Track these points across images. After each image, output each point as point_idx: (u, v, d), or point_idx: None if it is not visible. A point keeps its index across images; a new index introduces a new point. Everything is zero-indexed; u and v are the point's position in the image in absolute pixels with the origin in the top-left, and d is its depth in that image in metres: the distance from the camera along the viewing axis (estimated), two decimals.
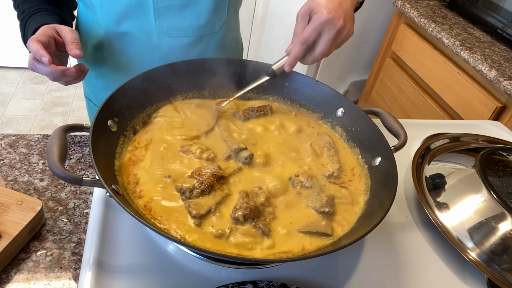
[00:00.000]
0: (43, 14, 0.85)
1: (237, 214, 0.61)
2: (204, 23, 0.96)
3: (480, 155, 0.81)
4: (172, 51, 0.97)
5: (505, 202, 0.71)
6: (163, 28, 0.93)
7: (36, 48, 0.72)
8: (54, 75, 0.76)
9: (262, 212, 0.63)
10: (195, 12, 0.93)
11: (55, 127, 1.44)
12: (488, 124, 1.11)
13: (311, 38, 0.74)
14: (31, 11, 0.85)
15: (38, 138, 0.84)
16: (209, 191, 0.64)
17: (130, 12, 0.91)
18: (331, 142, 0.79)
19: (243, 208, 0.61)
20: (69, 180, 0.54)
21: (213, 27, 0.99)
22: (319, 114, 0.85)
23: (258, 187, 0.67)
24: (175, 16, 0.93)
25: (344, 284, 0.64)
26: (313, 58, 0.77)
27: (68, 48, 0.77)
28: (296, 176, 0.70)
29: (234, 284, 0.58)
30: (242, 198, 0.64)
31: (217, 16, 0.98)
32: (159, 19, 0.92)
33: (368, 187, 0.72)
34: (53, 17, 0.86)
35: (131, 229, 0.66)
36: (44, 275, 0.61)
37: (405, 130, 0.74)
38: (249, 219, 0.61)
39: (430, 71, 1.85)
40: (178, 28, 0.94)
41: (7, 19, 2.69)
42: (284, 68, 0.79)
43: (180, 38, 0.96)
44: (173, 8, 0.92)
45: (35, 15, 0.85)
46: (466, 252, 0.68)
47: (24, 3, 0.88)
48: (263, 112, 0.83)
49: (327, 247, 0.61)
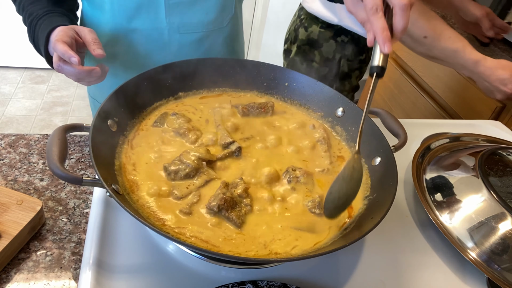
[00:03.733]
0: (54, 16, 0.85)
1: (211, 204, 0.62)
2: (212, 19, 0.98)
3: (480, 155, 0.81)
4: (181, 47, 0.99)
5: (505, 202, 0.71)
6: (174, 25, 0.95)
7: (64, 49, 0.73)
8: (81, 75, 0.76)
9: (238, 203, 0.64)
10: (204, 8, 0.96)
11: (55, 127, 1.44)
12: (488, 124, 1.11)
13: (378, 1, 0.58)
14: (40, 13, 0.85)
15: (38, 138, 0.84)
16: (193, 175, 0.67)
17: (141, 9, 0.92)
18: (325, 137, 0.79)
19: (218, 199, 0.62)
20: (69, 180, 0.54)
21: (221, 23, 1.01)
22: (319, 113, 0.85)
23: (240, 178, 0.68)
24: (185, 13, 0.95)
25: (344, 284, 0.64)
26: (399, 21, 0.57)
27: (90, 48, 0.78)
28: (293, 170, 0.71)
29: (234, 284, 0.58)
30: (220, 188, 0.64)
31: (225, 11, 1.00)
32: (169, 16, 0.94)
33: (368, 187, 0.72)
34: (64, 18, 0.87)
35: (131, 229, 0.66)
36: (44, 275, 0.61)
37: (405, 130, 0.74)
38: (223, 210, 0.61)
39: (430, 71, 1.85)
40: (188, 24, 0.96)
41: (7, 19, 2.69)
42: (382, 50, 0.58)
43: (189, 34, 0.98)
44: (183, 4, 0.93)
45: (46, 17, 0.85)
46: (466, 252, 0.68)
47: (31, 5, 0.88)
48: (263, 110, 0.83)
49: (327, 247, 0.61)
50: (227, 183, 0.66)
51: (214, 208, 0.61)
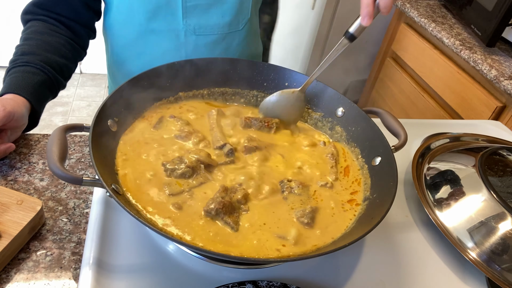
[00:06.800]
0: (25, 72, 0.82)
1: (209, 207, 0.61)
2: (229, 22, 0.99)
3: (480, 155, 0.81)
4: (197, 48, 1.00)
5: (505, 202, 0.71)
6: (190, 26, 0.96)
7: None
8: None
9: (236, 209, 0.64)
10: (221, 10, 0.97)
11: (55, 127, 1.44)
12: (488, 124, 1.11)
13: None
14: (17, 62, 0.84)
15: (38, 137, 0.84)
16: (190, 175, 0.67)
17: (159, 10, 0.93)
18: (335, 153, 0.79)
19: (216, 202, 0.62)
20: (69, 180, 0.54)
21: (237, 26, 1.02)
22: (319, 113, 0.85)
23: (239, 184, 0.67)
24: (202, 15, 0.96)
25: (344, 284, 0.64)
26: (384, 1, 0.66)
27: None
28: (288, 181, 0.70)
29: (234, 284, 0.58)
30: (219, 192, 0.64)
31: (241, 15, 1.01)
32: (186, 18, 0.95)
33: (368, 187, 0.72)
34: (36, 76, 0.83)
35: (131, 229, 0.66)
36: (44, 275, 0.61)
37: (405, 129, 0.74)
38: (221, 213, 0.61)
39: (430, 71, 1.85)
40: (204, 26, 0.97)
41: (7, 19, 2.69)
42: (361, 22, 0.68)
43: (205, 36, 0.99)
44: (201, 6, 0.94)
45: (18, 69, 0.83)
46: (466, 251, 0.68)
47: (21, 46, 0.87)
48: (267, 125, 0.82)
49: (327, 246, 0.61)
50: (226, 188, 0.66)
51: (212, 211, 0.61)
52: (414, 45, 1.95)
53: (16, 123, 0.77)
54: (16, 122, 0.77)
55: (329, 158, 0.77)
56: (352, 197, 0.71)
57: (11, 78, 0.81)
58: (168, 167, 0.67)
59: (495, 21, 1.50)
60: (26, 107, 0.79)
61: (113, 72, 1.12)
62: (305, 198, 0.68)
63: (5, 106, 0.73)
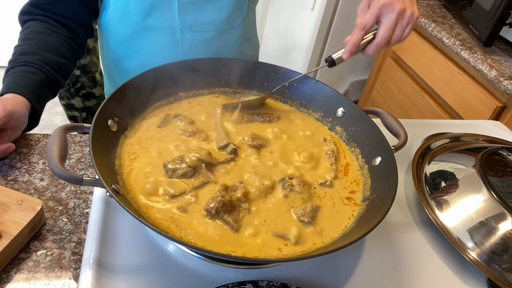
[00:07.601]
0: (24, 71, 0.82)
1: (209, 206, 0.61)
2: (225, 18, 0.99)
3: (480, 155, 0.81)
4: (193, 46, 1.00)
5: (505, 202, 0.71)
6: (186, 23, 0.96)
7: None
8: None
9: (236, 207, 0.64)
10: (217, 7, 0.97)
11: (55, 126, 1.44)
12: (488, 124, 1.11)
13: (369, 22, 0.73)
14: (16, 62, 0.83)
15: (38, 137, 0.84)
16: (191, 175, 0.67)
17: (155, 7, 0.93)
18: (335, 150, 0.79)
19: (217, 201, 0.62)
20: (69, 180, 0.54)
21: (234, 23, 1.02)
22: (319, 113, 0.85)
23: (239, 182, 0.67)
24: (198, 11, 0.96)
25: (344, 284, 0.64)
26: (376, 44, 0.75)
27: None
28: (289, 179, 0.70)
29: (234, 284, 0.58)
30: (219, 191, 0.64)
31: (238, 11, 1.01)
32: (182, 14, 0.95)
33: (368, 187, 0.71)
34: (35, 75, 0.82)
35: (131, 229, 0.66)
36: (44, 274, 0.61)
37: (405, 130, 0.74)
38: (221, 212, 0.61)
39: (430, 71, 1.85)
40: (200, 23, 0.97)
41: (7, 19, 2.69)
42: (342, 55, 0.76)
43: (202, 33, 0.99)
44: (197, 3, 0.95)
45: (17, 69, 0.82)
46: (466, 252, 0.68)
47: (20, 46, 0.87)
48: (268, 119, 0.83)
49: (327, 247, 0.61)
50: (226, 186, 0.66)
51: (212, 210, 0.61)
52: (414, 45, 1.95)
53: (16, 123, 0.77)
54: (16, 122, 0.77)
55: (328, 156, 0.77)
56: (350, 195, 0.71)
57: (10, 78, 0.81)
58: (170, 167, 0.67)
59: (492, 20, 1.50)
60: (26, 106, 0.79)
61: (109, 70, 1.12)
62: (306, 197, 0.68)
63: (5, 106, 0.73)
